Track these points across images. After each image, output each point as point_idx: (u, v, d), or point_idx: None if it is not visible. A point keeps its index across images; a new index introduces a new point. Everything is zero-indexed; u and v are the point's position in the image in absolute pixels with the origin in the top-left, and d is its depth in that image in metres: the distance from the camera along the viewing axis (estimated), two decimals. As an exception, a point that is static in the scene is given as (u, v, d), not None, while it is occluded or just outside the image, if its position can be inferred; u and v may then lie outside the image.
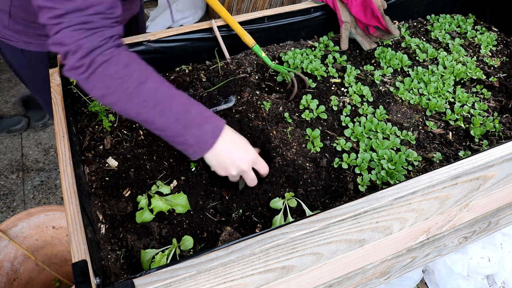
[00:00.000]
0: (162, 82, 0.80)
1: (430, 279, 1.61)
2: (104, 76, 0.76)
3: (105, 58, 0.76)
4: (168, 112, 0.78)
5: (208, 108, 0.84)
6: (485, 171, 0.86)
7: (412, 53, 1.35)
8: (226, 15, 1.22)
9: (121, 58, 0.77)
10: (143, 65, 0.80)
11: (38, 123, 2.47)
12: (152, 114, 0.78)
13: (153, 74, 0.80)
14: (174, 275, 0.62)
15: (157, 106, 0.77)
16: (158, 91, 0.78)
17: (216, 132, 0.81)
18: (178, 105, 0.79)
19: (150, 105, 0.77)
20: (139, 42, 1.13)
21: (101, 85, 0.77)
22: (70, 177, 0.81)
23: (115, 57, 0.76)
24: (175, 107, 0.79)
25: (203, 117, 0.81)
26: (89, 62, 0.75)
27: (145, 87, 0.77)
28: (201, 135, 0.80)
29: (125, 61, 0.77)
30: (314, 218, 0.70)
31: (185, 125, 0.79)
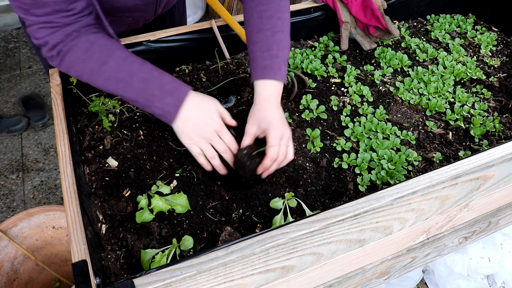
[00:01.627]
0: (124, 59, 0.85)
1: (430, 279, 1.61)
2: (70, 62, 0.86)
3: (67, 48, 0.85)
4: (130, 88, 0.85)
5: (175, 79, 0.88)
6: (485, 171, 0.86)
7: (412, 53, 1.35)
8: (226, 15, 1.22)
9: (80, 45, 0.85)
10: (104, 45, 0.86)
11: (38, 123, 2.47)
12: (117, 90, 0.86)
13: (116, 53, 0.85)
14: (174, 275, 0.62)
15: (119, 83, 0.85)
16: (119, 69, 0.85)
17: (177, 103, 0.85)
18: (139, 81, 0.84)
19: (113, 83, 0.85)
20: (139, 42, 1.13)
21: (72, 70, 0.87)
22: (70, 177, 0.81)
23: (76, 45, 0.85)
24: (136, 83, 0.84)
25: (164, 90, 0.85)
26: (56, 53, 0.85)
27: (106, 67, 0.84)
28: (164, 107, 0.85)
29: (85, 46, 0.85)
30: (314, 218, 0.70)
31: (148, 99, 0.85)
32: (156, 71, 0.87)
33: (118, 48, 0.87)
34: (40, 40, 0.84)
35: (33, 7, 0.78)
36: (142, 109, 0.89)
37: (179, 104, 0.85)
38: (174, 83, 0.87)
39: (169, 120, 0.87)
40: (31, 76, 2.85)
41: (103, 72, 0.85)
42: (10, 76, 2.84)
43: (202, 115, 0.87)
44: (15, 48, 3.09)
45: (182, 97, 0.86)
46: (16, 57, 3.01)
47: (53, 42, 0.84)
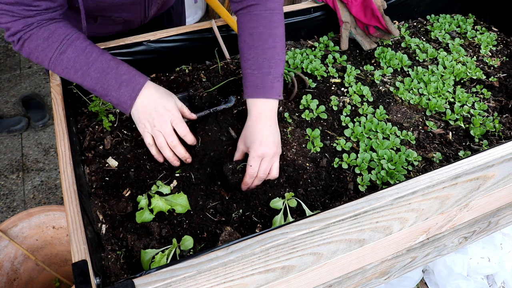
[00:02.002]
0: (83, 49, 0.88)
1: (430, 279, 1.61)
2: (30, 49, 0.88)
3: (27, 36, 0.87)
4: (88, 77, 0.88)
5: (132, 69, 0.90)
6: (485, 171, 0.86)
7: (412, 53, 1.35)
8: (226, 15, 1.22)
9: (40, 33, 0.86)
10: (64, 35, 0.88)
11: (38, 123, 2.47)
12: (75, 78, 0.89)
13: (76, 42, 0.88)
14: (174, 275, 0.62)
15: (77, 72, 0.88)
16: (77, 59, 0.87)
17: (133, 94, 0.88)
18: (96, 71, 0.87)
19: (72, 71, 0.88)
20: (139, 42, 1.13)
21: (32, 56, 0.89)
22: (70, 177, 0.81)
23: (35, 34, 0.86)
24: (93, 72, 0.87)
25: (121, 81, 0.88)
26: (17, 39, 0.88)
27: (64, 57, 0.87)
28: (119, 97, 0.88)
29: (45, 35, 0.87)
30: (314, 218, 0.70)
31: (105, 88, 0.88)
32: (114, 62, 0.89)
33: (78, 38, 0.89)
34: (2, 25, 0.86)
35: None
36: (100, 98, 0.92)
37: (134, 95, 0.88)
38: (130, 73, 0.89)
39: (125, 109, 0.90)
40: (31, 76, 2.85)
41: (61, 61, 0.87)
42: (10, 76, 2.84)
43: (156, 103, 0.90)
44: (15, 48, 3.09)
45: (137, 88, 0.88)
46: (16, 57, 3.01)
47: (14, 29, 0.86)
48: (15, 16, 0.84)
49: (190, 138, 0.93)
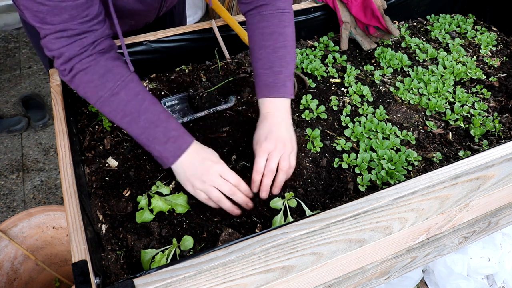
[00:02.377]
0: (136, 94, 0.84)
1: (430, 279, 1.61)
2: (81, 82, 0.84)
3: (83, 66, 0.82)
4: (135, 125, 0.84)
5: (180, 127, 0.87)
6: (485, 171, 0.86)
7: (412, 53, 1.35)
8: (226, 15, 1.22)
9: (98, 68, 0.82)
10: (120, 75, 0.84)
11: (38, 123, 2.47)
12: (121, 122, 0.85)
13: (130, 85, 0.84)
14: (174, 275, 0.62)
15: (125, 117, 0.84)
16: (129, 103, 0.84)
17: (177, 152, 0.85)
18: (146, 120, 0.84)
19: (120, 115, 0.84)
20: (139, 42, 1.13)
21: (80, 89, 0.85)
22: (70, 177, 0.81)
23: (92, 67, 0.82)
24: (142, 122, 0.84)
25: (169, 136, 0.85)
26: (70, 68, 0.82)
27: (116, 98, 0.83)
28: (163, 152, 0.85)
29: (101, 72, 0.83)
30: (314, 218, 0.70)
31: (150, 140, 0.85)
32: (164, 114, 0.86)
33: (132, 80, 0.85)
34: (54, 52, 0.80)
35: (50, 15, 0.75)
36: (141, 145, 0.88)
37: (179, 154, 0.85)
38: (179, 131, 0.86)
39: (164, 164, 0.87)
40: (31, 76, 2.85)
41: (111, 102, 0.84)
42: (10, 76, 2.84)
43: (202, 158, 0.86)
44: (15, 48, 3.09)
45: (184, 147, 0.85)
46: (16, 57, 3.01)
47: (69, 54, 0.80)
48: (70, 35, 0.79)
49: (243, 186, 0.87)
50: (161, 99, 1.12)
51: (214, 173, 0.85)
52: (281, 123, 0.92)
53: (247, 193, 0.88)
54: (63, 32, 0.78)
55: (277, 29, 0.94)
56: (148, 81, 1.20)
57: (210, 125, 1.07)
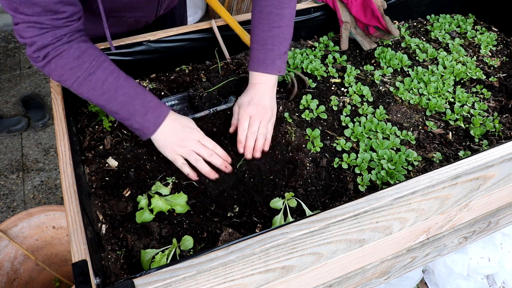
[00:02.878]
0: (111, 72, 0.88)
1: (430, 279, 1.61)
2: (57, 67, 0.85)
3: (57, 52, 0.84)
4: (114, 100, 0.88)
5: (155, 98, 0.93)
6: (485, 171, 0.86)
7: (412, 53, 1.35)
8: (226, 15, 1.22)
9: (72, 52, 0.85)
10: (94, 56, 0.87)
11: (38, 123, 2.47)
12: (100, 100, 0.88)
13: (104, 64, 0.88)
14: (174, 275, 0.62)
15: (104, 94, 0.88)
16: (106, 81, 0.87)
17: (157, 121, 0.90)
18: (124, 95, 0.88)
19: (98, 93, 0.87)
20: (139, 42, 1.13)
21: (55, 73, 0.86)
22: (70, 177, 0.81)
23: (66, 51, 0.84)
24: (121, 96, 0.88)
25: (147, 107, 0.90)
26: (43, 55, 0.84)
27: (93, 77, 0.86)
28: (144, 122, 0.90)
29: (76, 54, 0.85)
30: (314, 218, 0.70)
31: (130, 113, 0.89)
32: (140, 88, 0.91)
33: (106, 60, 0.89)
34: (27, 40, 0.82)
35: (22, 6, 0.76)
36: (118, 120, 0.92)
37: (159, 122, 0.91)
38: (156, 101, 0.92)
39: (145, 134, 0.91)
40: (31, 76, 2.85)
41: (89, 82, 0.86)
42: (10, 76, 2.84)
43: (181, 126, 0.93)
44: (15, 48, 3.09)
45: (163, 115, 0.91)
46: (16, 57, 3.01)
47: (42, 43, 0.82)
48: (43, 28, 0.80)
49: (219, 150, 0.96)
50: (161, 99, 1.12)
51: (193, 139, 0.93)
52: (266, 93, 1.01)
53: (224, 157, 0.96)
54: (36, 23, 0.80)
55: (275, 10, 0.99)
56: (148, 81, 1.20)
57: (210, 125, 1.07)
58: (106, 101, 0.88)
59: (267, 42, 0.99)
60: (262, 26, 1.00)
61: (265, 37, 1.00)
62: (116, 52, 1.11)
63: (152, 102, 0.91)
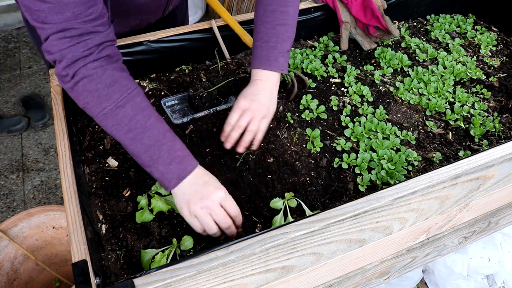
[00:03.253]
0: (142, 109, 0.79)
1: (430, 279, 1.61)
2: (84, 90, 0.77)
3: (88, 73, 0.76)
4: (138, 142, 0.79)
5: (185, 148, 0.82)
6: (485, 171, 0.86)
7: (412, 53, 1.35)
8: (226, 15, 1.22)
9: (105, 77, 0.77)
10: (127, 88, 0.79)
11: (38, 123, 2.47)
12: (123, 138, 0.79)
13: (136, 99, 0.79)
14: (174, 275, 0.62)
15: (129, 132, 0.78)
16: (134, 118, 0.78)
17: (182, 174, 0.79)
18: (150, 137, 0.79)
19: (124, 130, 0.78)
20: (139, 42, 1.13)
21: (82, 98, 0.78)
22: (70, 177, 0.81)
23: (99, 75, 0.77)
24: (147, 139, 0.79)
25: (174, 157, 0.79)
26: (73, 73, 0.76)
27: (121, 111, 0.78)
28: (166, 173, 0.79)
29: (108, 81, 0.77)
30: (314, 218, 0.70)
31: (153, 159, 0.79)
32: (170, 133, 0.82)
33: (139, 94, 0.81)
34: (56, 55, 0.75)
35: (52, 13, 0.71)
36: (139, 164, 0.82)
37: (183, 176, 0.80)
38: (184, 152, 0.82)
39: (165, 186, 0.81)
40: (31, 76, 2.85)
41: (116, 115, 0.78)
42: (10, 76, 2.84)
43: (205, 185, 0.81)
44: (15, 48, 3.09)
45: (189, 169, 0.80)
46: (16, 57, 3.01)
47: (72, 56, 0.74)
48: (74, 37, 0.73)
49: (239, 220, 0.83)
50: (161, 99, 1.12)
51: (215, 199, 0.79)
52: (265, 90, 0.99)
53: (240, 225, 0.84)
54: (66, 31, 0.73)
55: (279, 8, 0.99)
56: (148, 81, 1.20)
57: (210, 125, 1.07)
58: (130, 140, 0.78)
59: (271, 39, 0.99)
60: (266, 24, 0.99)
61: (269, 34, 0.99)
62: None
63: (180, 151, 0.81)
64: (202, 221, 0.79)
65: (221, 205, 0.80)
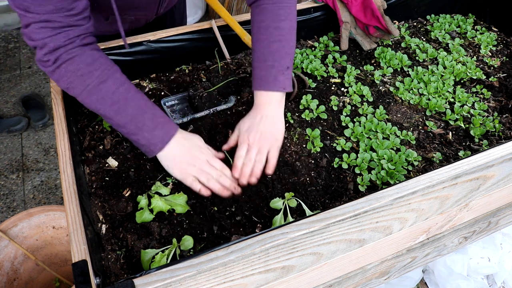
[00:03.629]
0: (122, 83, 0.86)
1: (430, 279, 1.61)
2: (67, 72, 0.83)
3: (69, 56, 0.82)
4: (123, 112, 0.85)
5: (165, 115, 0.90)
6: (485, 171, 0.86)
7: (412, 53, 1.35)
8: (226, 15, 1.22)
9: (84, 58, 0.83)
10: (106, 65, 0.86)
11: (38, 123, 2.47)
12: (108, 111, 0.85)
13: (116, 74, 0.86)
14: (174, 275, 0.62)
15: (113, 105, 0.85)
16: (117, 91, 0.85)
17: (165, 138, 0.87)
18: (134, 107, 0.86)
19: (108, 103, 0.85)
20: (139, 42, 1.13)
21: (64, 79, 0.84)
22: (70, 177, 0.81)
23: (79, 56, 0.83)
24: (130, 109, 0.85)
25: (156, 123, 0.87)
26: (54, 58, 0.81)
27: (104, 86, 0.84)
28: (151, 138, 0.86)
29: (88, 61, 0.83)
30: (314, 218, 0.70)
31: (138, 127, 0.86)
32: (150, 102, 0.89)
33: (117, 71, 0.87)
34: (38, 42, 0.79)
35: (35, 4, 0.75)
36: (124, 135, 0.89)
37: (167, 139, 0.87)
38: (165, 117, 0.89)
39: (151, 152, 0.88)
40: (31, 76, 2.85)
41: (100, 90, 0.84)
42: (10, 76, 2.84)
43: (190, 145, 0.90)
44: (15, 48, 3.09)
45: (171, 133, 0.88)
46: (16, 57, 3.01)
47: (54, 45, 0.80)
48: (55, 28, 0.78)
49: (228, 172, 0.91)
50: (161, 99, 1.12)
51: (203, 159, 0.89)
52: (268, 117, 0.95)
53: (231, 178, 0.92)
54: (48, 22, 0.77)
55: (272, 23, 0.97)
56: (148, 81, 1.20)
57: (210, 125, 1.07)
58: (115, 112, 0.85)
59: (268, 58, 0.95)
60: (261, 42, 0.96)
61: (265, 53, 0.96)
62: (116, 52, 1.11)
63: (162, 118, 0.88)
64: (198, 176, 0.87)
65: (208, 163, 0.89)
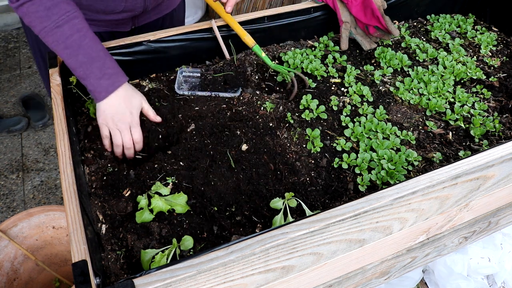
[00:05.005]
0: (78, 30, 0.91)
1: (430, 279, 1.61)
2: (28, 12, 0.89)
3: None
4: (74, 58, 0.91)
5: (117, 66, 0.95)
6: (485, 171, 0.86)
7: (412, 53, 1.35)
8: (226, 15, 1.22)
9: (45, 1, 0.88)
10: (66, 11, 0.90)
11: (38, 123, 2.47)
12: (61, 53, 0.92)
13: (74, 21, 0.91)
14: (174, 275, 0.62)
15: (66, 49, 0.91)
16: (70, 37, 0.90)
17: (110, 88, 0.93)
18: (84, 55, 0.91)
19: (61, 46, 0.91)
20: (139, 42, 1.13)
21: (26, 18, 0.91)
22: (70, 177, 0.81)
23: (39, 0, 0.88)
24: (81, 55, 0.91)
25: (103, 73, 0.92)
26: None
27: (59, 31, 0.90)
28: (97, 86, 0.93)
29: (48, 5, 0.88)
30: (314, 218, 0.70)
31: (86, 74, 0.92)
32: (103, 52, 0.93)
33: (77, 17, 0.91)
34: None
35: None
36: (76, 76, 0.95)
37: (111, 90, 0.93)
38: (115, 69, 0.94)
39: (96, 98, 0.95)
40: (31, 76, 2.85)
41: (54, 34, 0.90)
42: (10, 76, 2.84)
43: (125, 106, 0.95)
44: (15, 48, 3.09)
45: (117, 85, 0.94)
46: (16, 57, 3.01)
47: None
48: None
49: (138, 147, 1.00)
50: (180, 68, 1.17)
51: (127, 122, 0.96)
52: None
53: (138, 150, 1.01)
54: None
55: None
56: (148, 81, 1.20)
57: (200, 107, 1.07)
58: (67, 56, 0.91)
59: None
60: None
61: None
62: (116, 52, 1.11)
63: (110, 69, 0.93)
64: (113, 134, 0.96)
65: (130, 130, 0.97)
